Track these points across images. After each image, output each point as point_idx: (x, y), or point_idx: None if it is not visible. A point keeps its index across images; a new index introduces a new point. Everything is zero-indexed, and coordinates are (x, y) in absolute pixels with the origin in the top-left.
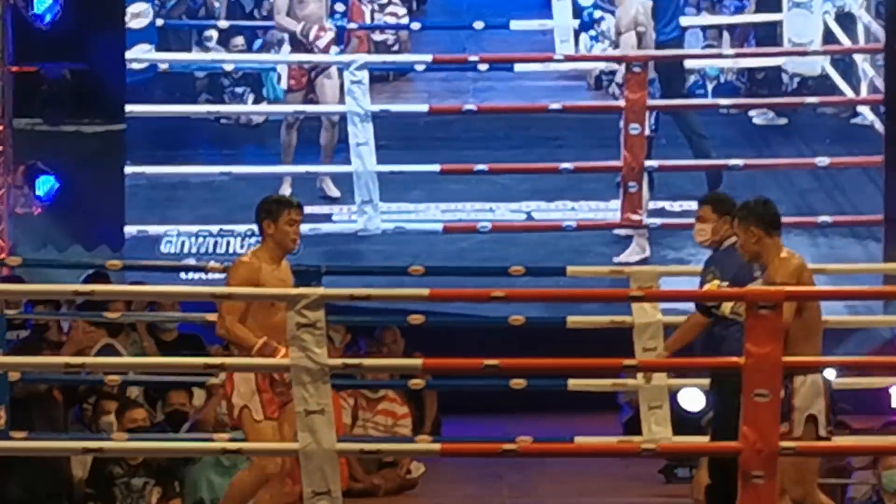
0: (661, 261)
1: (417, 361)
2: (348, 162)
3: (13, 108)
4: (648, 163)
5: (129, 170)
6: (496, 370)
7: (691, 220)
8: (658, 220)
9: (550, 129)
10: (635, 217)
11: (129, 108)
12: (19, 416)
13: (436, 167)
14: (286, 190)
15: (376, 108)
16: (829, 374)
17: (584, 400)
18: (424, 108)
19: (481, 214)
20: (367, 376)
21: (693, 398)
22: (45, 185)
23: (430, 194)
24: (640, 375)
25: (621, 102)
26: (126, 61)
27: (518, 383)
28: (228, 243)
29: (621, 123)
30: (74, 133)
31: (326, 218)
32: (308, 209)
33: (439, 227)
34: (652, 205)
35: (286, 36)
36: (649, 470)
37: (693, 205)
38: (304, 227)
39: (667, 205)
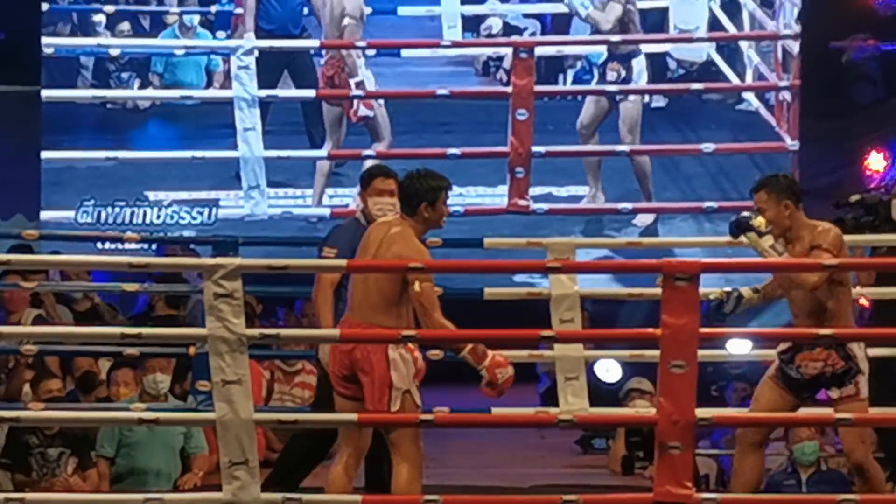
0: None
1: (335, 332)
2: (235, 147)
3: None
4: (535, 148)
5: (59, 154)
6: (414, 340)
7: (577, 206)
8: (545, 206)
9: (438, 114)
10: (522, 202)
11: (47, 92)
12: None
13: (324, 152)
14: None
15: (263, 93)
16: (746, 346)
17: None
18: (311, 93)
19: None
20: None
21: (610, 369)
22: None
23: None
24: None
25: (508, 88)
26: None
27: (435, 354)
28: (145, 213)
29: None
30: None
31: (214, 203)
32: (195, 195)
33: (327, 212)
34: (539, 190)
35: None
36: (566, 440)
37: (580, 189)
38: (192, 212)
39: (553, 190)
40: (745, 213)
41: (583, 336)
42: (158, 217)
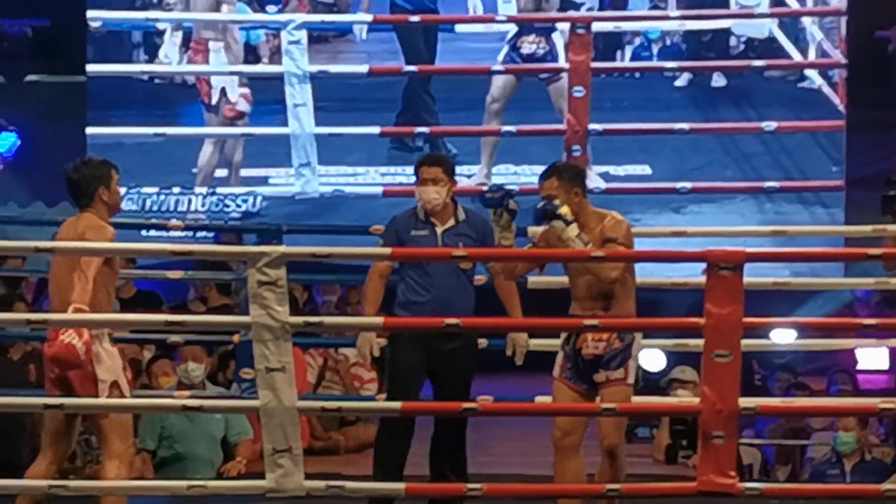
0: None
1: (378, 320)
2: (286, 124)
3: None
4: (592, 126)
5: (105, 130)
6: (458, 329)
7: (635, 185)
8: (602, 185)
9: None
10: None
11: (97, 67)
12: None
13: (375, 129)
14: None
15: (314, 68)
16: (790, 335)
17: (545, 359)
18: (364, 69)
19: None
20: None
21: (653, 358)
22: (6, 141)
23: (370, 157)
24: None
25: (565, 64)
26: (87, 16)
27: (479, 343)
28: (190, 201)
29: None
30: (35, 88)
31: (263, 181)
32: (245, 172)
33: (379, 190)
34: (596, 169)
35: None
36: None
37: (637, 168)
38: (242, 190)
39: (611, 169)
40: (552, 202)
41: (626, 325)
42: (203, 205)
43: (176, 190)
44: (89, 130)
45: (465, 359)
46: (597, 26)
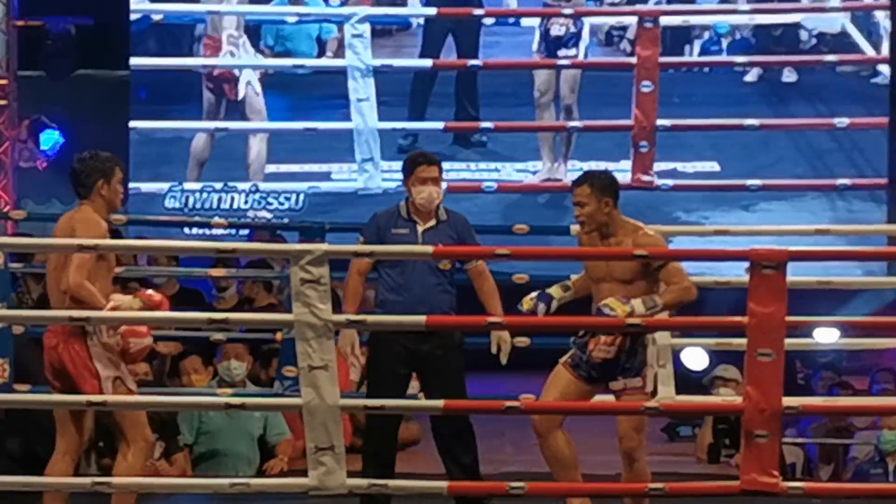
0: (672, 223)
1: (421, 319)
2: (348, 118)
3: (18, 63)
4: (660, 122)
5: (148, 124)
6: (500, 328)
7: (704, 182)
8: (670, 182)
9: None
10: (646, 178)
11: (134, 60)
12: (23, 370)
13: (439, 125)
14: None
15: (378, 62)
16: (833, 334)
17: None
18: (428, 63)
19: (486, 174)
20: None
21: (696, 357)
22: (49, 139)
23: (434, 152)
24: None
25: (633, 59)
26: (130, 14)
27: (521, 341)
28: (233, 199)
29: None
30: (78, 86)
31: (325, 176)
32: (307, 167)
33: (443, 185)
34: (664, 165)
35: None
36: (652, 428)
37: (706, 165)
38: (303, 185)
39: (679, 165)
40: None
41: (669, 324)
42: (246, 202)
43: (218, 187)
44: (138, 124)
45: (446, 358)
46: (665, 20)
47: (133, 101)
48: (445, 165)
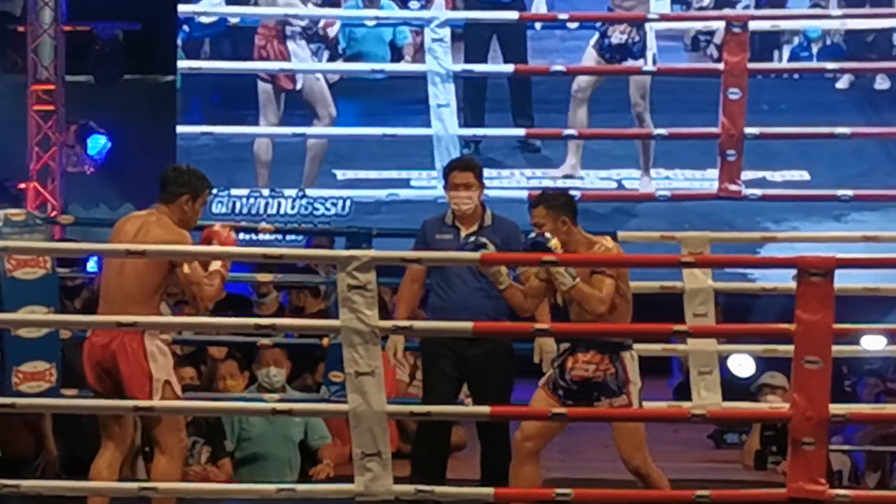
0: None
1: (468, 325)
2: (428, 124)
3: (66, 68)
4: (748, 130)
5: (196, 129)
6: (546, 334)
7: (793, 192)
8: (758, 192)
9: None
10: (733, 187)
11: (182, 63)
12: (70, 375)
13: (521, 131)
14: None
15: (458, 67)
16: (880, 341)
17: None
18: (510, 68)
19: (569, 182)
20: None
21: (743, 364)
22: (96, 144)
23: (515, 160)
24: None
25: (720, 65)
26: (182, 18)
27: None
28: (279, 204)
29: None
30: (126, 92)
31: (405, 183)
32: (386, 174)
33: (524, 194)
34: (752, 174)
35: None
36: (699, 435)
37: (795, 174)
38: (382, 193)
39: (767, 174)
40: (542, 235)
41: (716, 330)
42: (293, 208)
43: (265, 192)
44: (185, 129)
45: (492, 364)
46: (754, 25)
47: (206, 105)
48: (527, 173)
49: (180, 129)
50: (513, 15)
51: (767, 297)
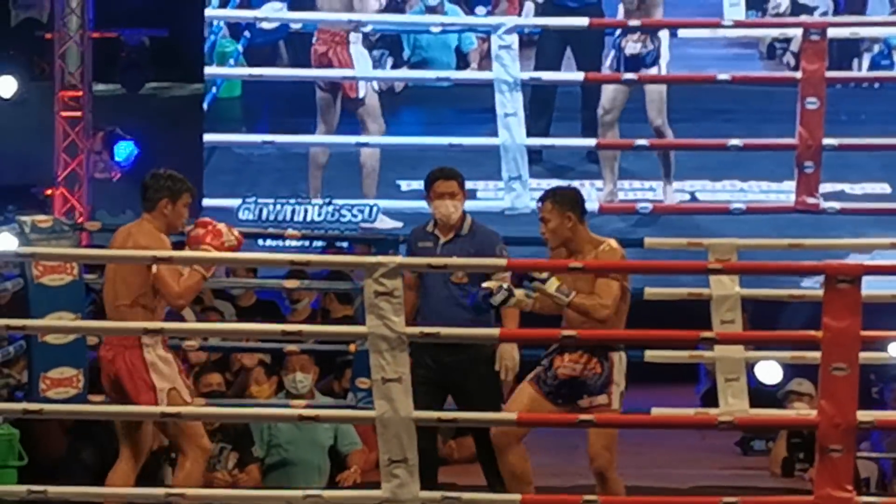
0: None
1: (494, 331)
2: (495, 133)
3: (93, 74)
4: (827, 141)
5: (223, 137)
6: (574, 341)
7: (873, 205)
8: (837, 205)
9: (718, 101)
10: (811, 200)
11: (215, 70)
12: (98, 381)
13: (591, 141)
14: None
15: (525, 75)
16: None
17: (661, 371)
18: (580, 76)
19: (641, 194)
20: None
21: (770, 371)
22: (123, 150)
23: (587, 171)
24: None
25: (797, 74)
26: (243, 24)
27: None
28: (306, 211)
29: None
30: (153, 98)
31: (471, 195)
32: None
33: (595, 206)
34: (830, 187)
35: None
36: (726, 442)
37: (876, 187)
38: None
39: (846, 187)
40: (538, 280)
41: (743, 337)
42: (320, 215)
43: (292, 199)
44: (213, 137)
45: (472, 372)
46: (832, 32)
47: (271, 113)
48: (597, 184)
49: (208, 137)
50: (583, 21)
51: (795, 304)
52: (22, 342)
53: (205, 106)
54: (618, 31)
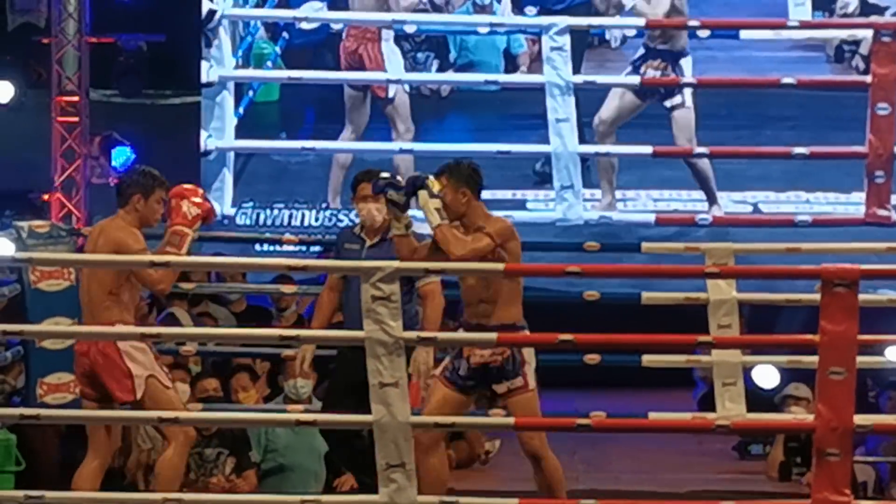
0: None
1: (492, 336)
2: (546, 140)
3: (90, 80)
4: None
5: (221, 143)
6: (571, 345)
7: None
8: None
9: (782, 106)
10: (882, 212)
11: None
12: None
13: (648, 149)
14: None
15: (579, 79)
16: None
17: (658, 376)
18: (636, 80)
19: (700, 205)
20: None
21: (767, 375)
22: (120, 155)
23: (641, 180)
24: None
25: (867, 78)
26: (282, 24)
27: (592, 358)
28: (303, 215)
29: None
30: (150, 105)
31: (521, 205)
32: (500, 194)
33: (651, 217)
34: None
35: None
36: (723, 446)
37: None
38: (497, 215)
39: None
40: (424, 175)
41: (740, 342)
42: (317, 220)
43: (289, 204)
44: (216, 143)
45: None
46: None
47: (304, 119)
48: (654, 194)
49: (240, 143)
50: (639, 22)
51: (792, 308)
52: (19, 347)
53: (240, 110)
54: (640, 52)
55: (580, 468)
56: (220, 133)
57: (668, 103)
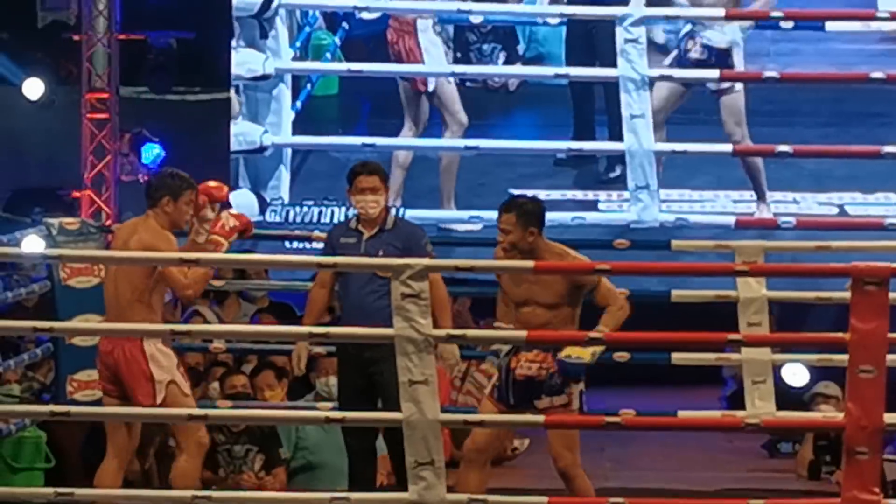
0: None
1: (522, 333)
2: (618, 137)
3: (120, 76)
4: None
5: (352, 140)
6: (599, 343)
7: None
8: None
9: (871, 102)
10: None
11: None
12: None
13: (728, 147)
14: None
15: (655, 72)
16: None
17: (688, 374)
18: (714, 74)
19: (783, 207)
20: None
21: (797, 373)
22: (150, 152)
23: (720, 180)
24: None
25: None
26: (341, 14)
27: (621, 356)
28: (332, 213)
29: None
30: (180, 101)
31: (592, 206)
32: (570, 194)
33: (731, 220)
34: None
35: None
36: (752, 445)
37: None
38: (566, 216)
39: None
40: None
41: (770, 340)
42: (345, 217)
43: (317, 201)
44: (299, 140)
45: (388, 366)
46: None
47: (363, 114)
48: (733, 195)
49: (297, 139)
50: (718, 12)
51: (822, 306)
52: (49, 344)
53: (298, 104)
54: (685, 29)
55: (608, 466)
56: (276, 128)
57: (713, 87)
